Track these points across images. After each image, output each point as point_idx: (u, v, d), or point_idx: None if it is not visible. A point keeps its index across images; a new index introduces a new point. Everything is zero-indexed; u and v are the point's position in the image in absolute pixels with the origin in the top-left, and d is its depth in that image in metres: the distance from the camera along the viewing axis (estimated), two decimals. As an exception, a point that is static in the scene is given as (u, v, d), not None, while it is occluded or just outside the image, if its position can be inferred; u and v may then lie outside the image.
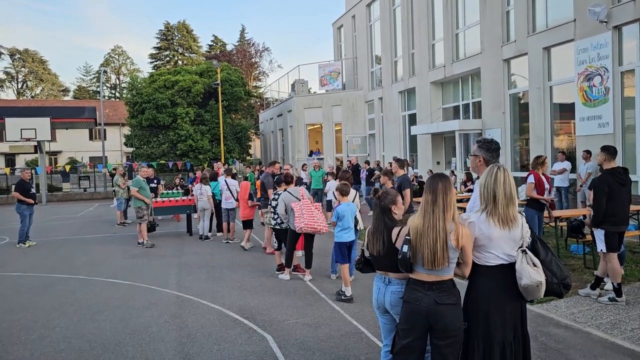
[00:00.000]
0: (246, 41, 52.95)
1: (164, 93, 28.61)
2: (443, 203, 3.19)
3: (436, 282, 3.21)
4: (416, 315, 3.21)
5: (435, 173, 3.52)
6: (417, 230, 3.22)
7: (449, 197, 3.21)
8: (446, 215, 3.17)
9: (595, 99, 11.60)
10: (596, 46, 11.46)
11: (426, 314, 3.18)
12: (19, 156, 46.24)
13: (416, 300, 3.22)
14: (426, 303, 3.18)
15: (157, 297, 7.09)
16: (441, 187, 3.23)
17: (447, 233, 3.13)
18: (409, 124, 20.51)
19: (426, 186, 3.32)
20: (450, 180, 3.33)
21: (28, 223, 11.85)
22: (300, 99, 26.29)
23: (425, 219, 3.20)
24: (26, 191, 11.87)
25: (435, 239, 3.13)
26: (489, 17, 15.25)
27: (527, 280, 3.11)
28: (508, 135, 14.90)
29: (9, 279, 8.47)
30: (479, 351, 3.18)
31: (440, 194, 3.21)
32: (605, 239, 5.98)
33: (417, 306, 3.21)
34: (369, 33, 24.05)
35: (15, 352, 5.13)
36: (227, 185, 11.48)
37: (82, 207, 21.84)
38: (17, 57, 64.96)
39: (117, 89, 68.96)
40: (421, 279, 3.24)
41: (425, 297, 3.20)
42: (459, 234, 3.15)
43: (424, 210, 3.23)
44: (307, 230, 7.64)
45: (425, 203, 3.26)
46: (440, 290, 3.20)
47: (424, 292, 3.21)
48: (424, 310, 3.18)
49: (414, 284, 3.27)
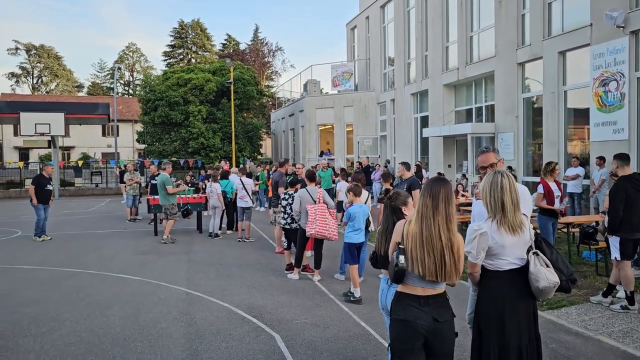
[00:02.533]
0: (259, 40, 53.09)
1: (177, 91, 28.75)
2: (445, 212, 2.98)
3: (432, 295, 2.98)
4: (415, 334, 2.95)
5: (435, 177, 3.34)
6: (415, 238, 2.96)
7: (451, 207, 3.01)
8: (450, 226, 2.97)
9: (610, 105, 11.48)
10: (612, 51, 11.34)
11: (426, 332, 2.95)
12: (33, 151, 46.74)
13: (414, 319, 2.95)
14: (425, 321, 2.94)
15: (166, 293, 7.12)
16: (443, 194, 3.00)
17: (453, 244, 2.97)
18: (421, 126, 20.43)
19: (426, 189, 3.07)
20: (451, 186, 3.15)
21: (43, 215, 11.77)
22: (312, 99, 26.29)
23: (424, 226, 2.96)
24: (41, 186, 11.78)
25: (442, 251, 2.93)
26: (504, 20, 15.15)
27: (545, 282, 3.11)
28: (521, 140, 14.79)
29: (21, 272, 8.55)
30: (494, 355, 3.16)
31: (443, 202, 2.98)
32: (621, 246, 5.91)
33: (415, 324, 2.94)
34: (383, 34, 24.00)
35: (26, 345, 5.18)
36: (242, 184, 11.50)
37: (94, 203, 22.01)
38: (33, 53, 65.62)
39: (130, 85, 69.45)
40: (414, 293, 2.99)
41: (422, 314, 2.95)
42: (460, 243, 3.04)
43: (422, 216, 2.99)
44: (318, 236, 7.63)
45: (423, 207, 3.00)
46: (437, 305, 2.99)
47: (419, 308, 2.96)
48: (423, 329, 2.94)
49: (407, 299, 3.00)
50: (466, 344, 4.83)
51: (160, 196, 11.51)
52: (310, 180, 8.20)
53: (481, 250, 3.16)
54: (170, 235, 11.40)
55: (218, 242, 11.56)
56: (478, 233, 3.16)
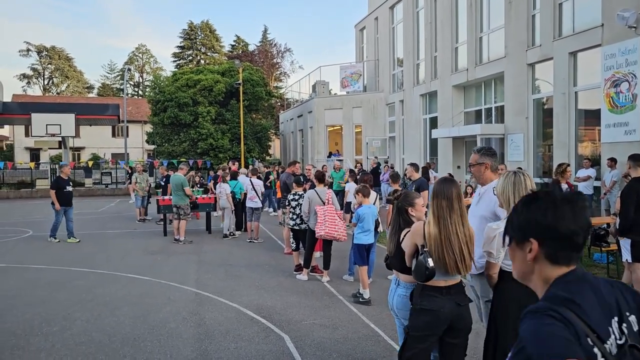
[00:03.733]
0: (268, 42, 53.21)
1: (186, 92, 28.87)
2: (459, 209, 3.21)
3: (453, 285, 3.28)
4: (440, 322, 3.23)
5: (443, 177, 3.49)
6: (436, 239, 3.19)
7: (462, 203, 3.26)
8: (464, 221, 3.23)
9: (622, 106, 11.37)
10: (624, 52, 11.24)
11: (450, 318, 3.23)
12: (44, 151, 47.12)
13: (439, 308, 3.22)
14: (449, 308, 3.23)
15: (175, 293, 7.15)
16: (456, 193, 3.24)
17: (469, 238, 3.22)
18: (430, 127, 20.35)
19: (438, 191, 3.25)
20: (458, 184, 3.37)
21: (62, 218, 11.59)
22: (321, 100, 26.29)
23: (442, 226, 3.18)
24: (61, 189, 11.58)
25: (460, 246, 3.17)
26: (514, 21, 15.06)
27: None
28: (531, 141, 14.69)
29: (31, 272, 8.62)
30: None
31: (456, 200, 3.22)
32: (632, 248, 5.85)
33: (440, 313, 3.21)
34: (392, 35, 23.94)
35: (37, 344, 5.22)
36: (252, 185, 11.54)
37: (104, 203, 22.15)
38: (44, 54, 66.20)
39: (140, 87, 69.84)
40: (438, 285, 3.25)
41: (447, 302, 3.23)
42: (473, 234, 3.31)
43: (439, 217, 3.21)
44: (327, 237, 7.63)
45: (438, 209, 3.22)
46: (457, 292, 3.30)
47: (443, 297, 3.23)
48: (448, 315, 3.22)
49: (430, 291, 3.26)
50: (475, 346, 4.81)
51: (177, 196, 11.55)
52: (319, 181, 8.20)
53: (501, 249, 3.16)
54: (186, 237, 11.47)
55: (227, 242, 11.60)
56: (497, 232, 3.15)
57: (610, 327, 1.32)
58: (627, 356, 1.29)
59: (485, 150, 3.98)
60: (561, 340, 1.21)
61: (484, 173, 3.93)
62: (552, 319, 1.27)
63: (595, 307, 1.33)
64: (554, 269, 1.44)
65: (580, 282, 1.40)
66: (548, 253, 1.43)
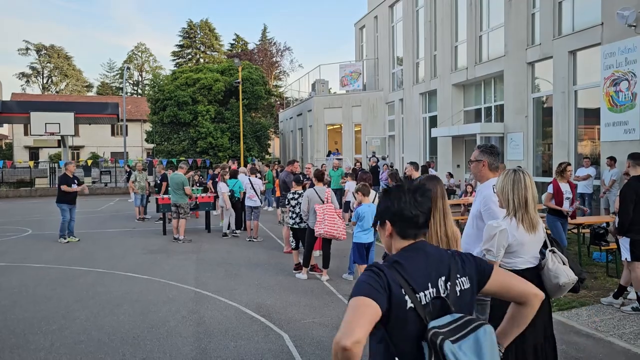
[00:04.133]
0: (268, 40, 53.13)
1: (186, 90, 28.85)
2: (443, 208, 3.07)
3: None
4: None
5: (428, 175, 3.37)
6: None
7: (446, 201, 3.11)
8: (446, 221, 3.06)
9: (621, 105, 11.38)
10: (624, 50, 11.24)
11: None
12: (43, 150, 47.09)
13: None
14: None
15: (175, 292, 7.15)
16: (440, 191, 3.11)
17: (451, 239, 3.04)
18: (430, 126, 20.36)
19: None
20: (442, 182, 3.26)
21: (69, 217, 11.50)
22: (321, 99, 26.28)
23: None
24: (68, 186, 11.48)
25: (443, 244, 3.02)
26: (513, 20, 15.06)
27: (565, 279, 3.13)
28: (530, 140, 14.70)
29: (31, 271, 8.62)
30: (511, 355, 3.16)
31: (440, 199, 3.08)
32: (631, 247, 5.84)
33: None
34: (391, 34, 23.94)
35: (36, 342, 5.22)
36: (251, 184, 11.54)
37: (103, 202, 22.14)
38: (43, 53, 66.10)
39: (139, 85, 69.76)
40: None
41: None
42: (458, 236, 3.13)
43: None
44: (327, 236, 7.63)
45: None
46: None
47: None
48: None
49: None
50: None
51: (176, 195, 11.54)
52: (318, 180, 8.20)
53: (501, 247, 3.16)
54: (185, 236, 11.47)
55: (227, 241, 11.59)
56: (498, 230, 3.15)
57: (432, 283, 1.81)
58: (436, 306, 1.76)
59: (485, 148, 3.95)
60: (367, 285, 1.70)
61: (481, 170, 3.93)
62: (371, 272, 1.76)
63: (419, 268, 1.82)
64: (403, 242, 1.93)
65: (415, 250, 1.89)
66: (398, 231, 1.93)
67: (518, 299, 2.03)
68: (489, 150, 3.93)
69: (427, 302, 1.77)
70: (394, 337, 1.74)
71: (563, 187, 7.60)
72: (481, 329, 1.73)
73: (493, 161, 3.90)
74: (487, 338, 1.73)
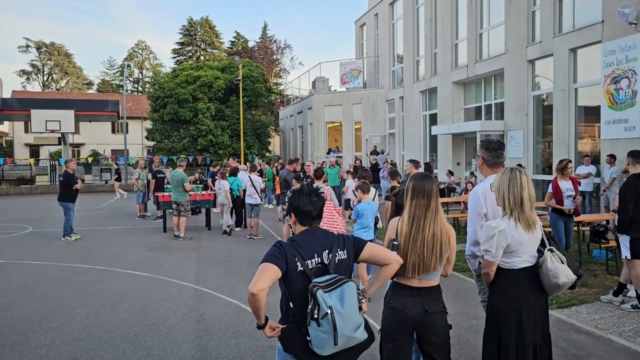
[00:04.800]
0: (268, 38, 53.08)
1: (186, 88, 28.84)
2: (435, 206, 3.09)
3: (425, 288, 3.09)
4: (402, 322, 3.07)
5: (418, 173, 3.33)
6: (406, 236, 3.08)
7: (438, 199, 3.13)
8: (437, 219, 3.08)
9: (622, 102, 11.37)
10: (624, 48, 11.23)
11: (413, 322, 3.05)
12: (43, 147, 47.11)
13: (403, 307, 3.06)
14: (414, 311, 3.04)
15: (175, 289, 7.16)
16: (435, 189, 3.13)
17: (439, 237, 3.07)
18: (430, 124, 20.35)
19: (416, 188, 3.11)
20: (434, 179, 3.26)
21: (73, 216, 11.47)
22: (321, 97, 26.27)
23: (414, 225, 3.06)
24: (70, 184, 11.40)
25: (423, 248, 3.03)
26: (514, 17, 15.04)
27: (564, 278, 3.15)
28: (531, 138, 14.69)
29: (32, 268, 8.63)
30: (512, 354, 3.17)
31: (434, 197, 3.10)
32: (631, 245, 5.84)
33: (404, 314, 3.05)
34: (392, 31, 23.91)
35: (37, 339, 5.23)
36: (251, 182, 11.55)
37: (103, 199, 22.15)
38: (44, 50, 66.04)
39: (139, 83, 69.69)
40: (409, 284, 3.09)
41: (412, 304, 3.06)
42: (450, 234, 3.13)
43: (414, 215, 3.09)
44: None
45: (416, 207, 3.09)
46: (429, 296, 3.09)
47: (411, 298, 3.07)
48: (411, 318, 3.05)
49: (400, 289, 3.12)
50: (475, 342, 4.82)
51: (177, 192, 11.55)
52: (317, 178, 8.21)
53: (500, 247, 3.16)
54: (185, 233, 11.48)
55: (227, 239, 11.60)
56: (497, 230, 3.15)
57: (318, 254, 2.64)
58: (319, 270, 2.60)
59: (483, 143, 3.90)
60: (271, 255, 2.55)
61: (480, 167, 3.92)
62: (275, 247, 2.60)
63: (309, 245, 2.65)
64: (301, 227, 2.76)
65: (309, 233, 2.72)
66: (298, 220, 2.76)
67: (383, 262, 2.78)
68: (486, 146, 3.87)
69: (312, 267, 2.60)
70: (290, 290, 2.59)
71: (564, 185, 7.59)
72: (346, 284, 2.54)
73: (489, 157, 3.83)
74: (350, 290, 2.54)
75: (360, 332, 2.56)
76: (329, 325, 2.43)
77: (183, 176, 11.56)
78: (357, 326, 2.54)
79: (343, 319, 2.46)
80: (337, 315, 2.44)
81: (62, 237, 11.45)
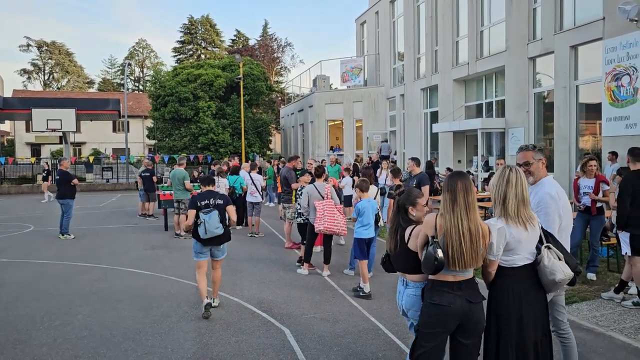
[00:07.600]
0: (269, 36, 53.01)
1: (187, 86, 28.83)
2: (465, 203, 3.10)
3: (464, 280, 3.16)
4: (449, 317, 3.12)
5: (454, 171, 3.41)
6: (442, 231, 3.12)
7: (470, 197, 3.13)
8: (470, 216, 3.09)
9: (623, 99, 11.35)
10: (626, 45, 11.21)
11: (460, 315, 3.12)
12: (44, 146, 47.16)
13: (449, 303, 3.11)
14: (460, 304, 3.11)
15: (176, 287, 7.17)
16: (461, 186, 3.14)
17: (474, 234, 3.07)
18: (431, 121, 20.33)
19: (445, 185, 3.22)
20: (470, 178, 3.27)
21: (72, 214, 11.48)
22: (322, 95, 26.25)
23: (446, 219, 3.11)
24: (69, 182, 11.50)
25: (460, 241, 3.05)
26: (515, 15, 15.01)
27: (562, 275, 3.17)
28: (532, 135, 14.67)
29: (34, 267, 8.65)
30: (512, 353, 3.18)
31: (461, 193, 3.12)
32: (631, 241, 5.85)
33: (450, 309, 3.11)
34: (392, 29, 23.88)
35: (39, 338, 5.24)
36: (252, 180, 11.55)
37: (105, 198, 22.18)
38: (45, 49, 66.08)
39: (140, 81, 69.72)
40: (446, 280, 3.15)
41: (457, 298, 3.13)
42: (485, 231, 3.14)
43: (444, 210, 3.16)
44: (327, 232, 7.62)
45: (444, 202, 3.18)
46: (469, 288, 3.17)
47: (454, 293, 3.13)
48: (459, 311, 3.11)
49: (440, 286, 3.16)
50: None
51: (177, 190, 11.56)
52: (317, 176, 8.21)
53: (500, 245, 3.17)
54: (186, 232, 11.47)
55: (228, 237, 11.59)
56: (495, 229, 3.17)
57: (208, 200, 5.96)
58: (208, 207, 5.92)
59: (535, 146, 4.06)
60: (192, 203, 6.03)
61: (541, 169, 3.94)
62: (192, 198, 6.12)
63: (204, 196, 6.03)
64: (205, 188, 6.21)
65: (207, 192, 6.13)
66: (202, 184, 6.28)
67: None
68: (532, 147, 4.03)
69: (203, 205, 5.90)
70: (197, 217, 5.81)
71: (583, 182, 7.50)
72: (214, 210, 5.81)
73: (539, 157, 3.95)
74: (215, 214, 5.78)
75: (218, 230, 5.78)
76: (203, 226, 5.73)
77: (184, 174, 11.57)
78: (215, 228, 5.74)
79: (208, 224, 5.70)
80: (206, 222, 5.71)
81: (60, 235, 11.49)
